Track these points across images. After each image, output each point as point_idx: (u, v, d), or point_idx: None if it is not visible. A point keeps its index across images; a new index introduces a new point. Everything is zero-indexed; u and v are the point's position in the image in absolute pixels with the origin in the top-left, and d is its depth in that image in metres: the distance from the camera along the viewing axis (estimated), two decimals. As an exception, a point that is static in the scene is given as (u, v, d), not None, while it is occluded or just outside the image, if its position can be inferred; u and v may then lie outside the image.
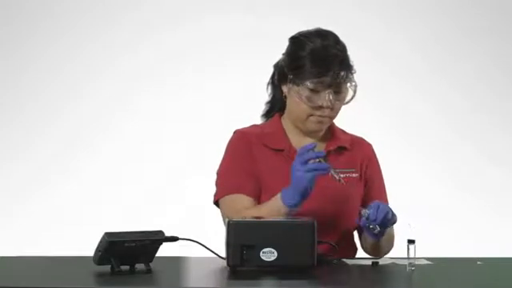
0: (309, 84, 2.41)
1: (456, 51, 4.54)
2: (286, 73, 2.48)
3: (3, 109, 4.47)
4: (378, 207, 2.28)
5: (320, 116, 2.45)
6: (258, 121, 2.63)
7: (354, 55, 2.49)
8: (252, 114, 2.66)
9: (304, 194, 2.25)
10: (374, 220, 2.27)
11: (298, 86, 2.43)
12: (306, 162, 2.24)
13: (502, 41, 4.56)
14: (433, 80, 4.52)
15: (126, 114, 4.46)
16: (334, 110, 2.46)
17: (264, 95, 2.64)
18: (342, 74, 2.41)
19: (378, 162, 2.64)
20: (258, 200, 2.47)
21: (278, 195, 2.30)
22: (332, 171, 2.25)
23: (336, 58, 2.41)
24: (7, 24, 4.48)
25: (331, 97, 2.41)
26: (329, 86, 2.41)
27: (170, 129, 4.41)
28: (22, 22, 4.48)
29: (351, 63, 2.46)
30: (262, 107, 2.65)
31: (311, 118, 2.46)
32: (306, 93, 2.42)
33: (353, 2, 4.49)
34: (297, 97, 2.44)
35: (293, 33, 2.54)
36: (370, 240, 2.45)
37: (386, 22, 4.51)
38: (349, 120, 2.59)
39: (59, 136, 4.45)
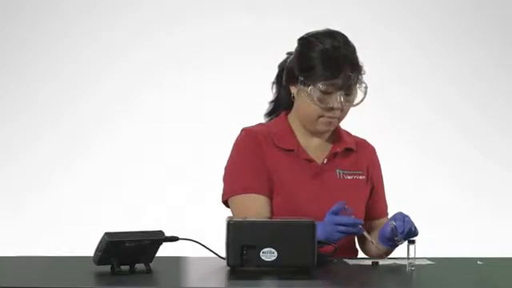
0: (321, 86, 2.40)
1: (456, 51, 4.54)
2: (295, 74, 2.47)
3: (3, 109, 4.47)
4: (404, 219, 2.29)
5: (330, 117, 2.45)
6: (258, 120, 2.63)
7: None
8: (252, 113, 2.66)
9: (329, 241, 2.25)
10: (402, 232, 2.28)
11: (308, 87, 2.42)
12: (338, 224, 2.24)
13: (502, 40, 4.56)
14: (433, 80, 4.52)
15: (125, 114, 4.46)
16: (344, 112, 2.46)
17: (264, 95, 2.64)
18: (353, 76, 2.41)
19: (380, 165, 2.65)
20: (271, 198, 2.46)
21: None
22: (364, 233, 2.28)
23: (346, 59, 2.41)
24: (7, 24, 4.48)
25: (342, 98, 2.41)
26: (340, 88, 2.41)
27: (169, 129, 4.41)
28: (22, 22, 4.48)
29: (361, 64, 2.46)
30: (262, 107, 2.65)
31: (321, 119, 2.45)
32: (317, 94, 2.41)
33: (353, 2, 4.49)
34: (308, 98, 2.43)
35: (293, 33, 2.54)
36: (383, 249, 2.43)
37: (386, 22, 4.51)
38: (349, 119, 2.59)
39: (59, 136, 4.45)
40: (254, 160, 2.48)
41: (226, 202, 2.52)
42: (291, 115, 2.56)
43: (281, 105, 2.60)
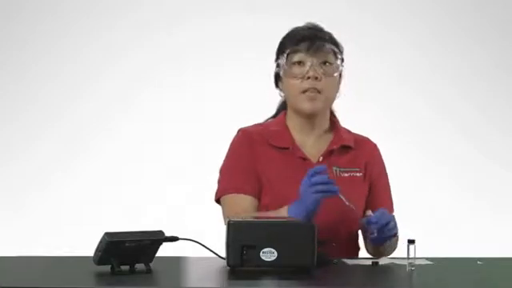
0: (288, 56, 2.45)
1: (456, 51, 4.54)
2: (277, 66, 2.53)
3: (3, 109, 4.47)
4: (383, 213, 2.29)
5: (312, 90, 2.45)
6: (258, 120, 2.64)
7: (353, 55, 2.50)
8: (252, 113, 2.67)
9: (309, 214, 2.24)
10: (375, 223, 2.27)
11: (282, 62, 2.47)
12: (314, 184, 2.24)
13: (502, 40, 4.56)
14: (433, 80, 4.52)
15: (125, 114, 4.46)
16: (326, 85, 2.46)
17: (264, 95, 2.65)
18: (319, 42, 2.45)
19: (383, 163, 2.64)
20: (259, 199, 2.47)
21: (285, 208, 2.30)
22: (340, 195, 2.26)
23: (313, 31, 2.48)
24: (7, 24, 4.48)
25: (314, 63, 2.44)
26: (307, 51, 2.44)
27: (170, 129, 4.41)
28: (22, 22, 4.48)
29: (337, 41, 2.50)
30: (262, 107, 2.66)
31: (303, 95, 2.46)
32: (289, 65, 2.47)
33: (353, 2, 4.49)
34: (284, 75, 2.47)
35: (293, 33, 2.56)
36: (371, 245, 2.45)
37: (386, 22, 4.51)
38: (349, 119, 2.59)
39: (59, 136, 4.45)
40: (246, 160, 2.50)
41: (218, 201, 2.54)
42: (287, 114, 2.58)
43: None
